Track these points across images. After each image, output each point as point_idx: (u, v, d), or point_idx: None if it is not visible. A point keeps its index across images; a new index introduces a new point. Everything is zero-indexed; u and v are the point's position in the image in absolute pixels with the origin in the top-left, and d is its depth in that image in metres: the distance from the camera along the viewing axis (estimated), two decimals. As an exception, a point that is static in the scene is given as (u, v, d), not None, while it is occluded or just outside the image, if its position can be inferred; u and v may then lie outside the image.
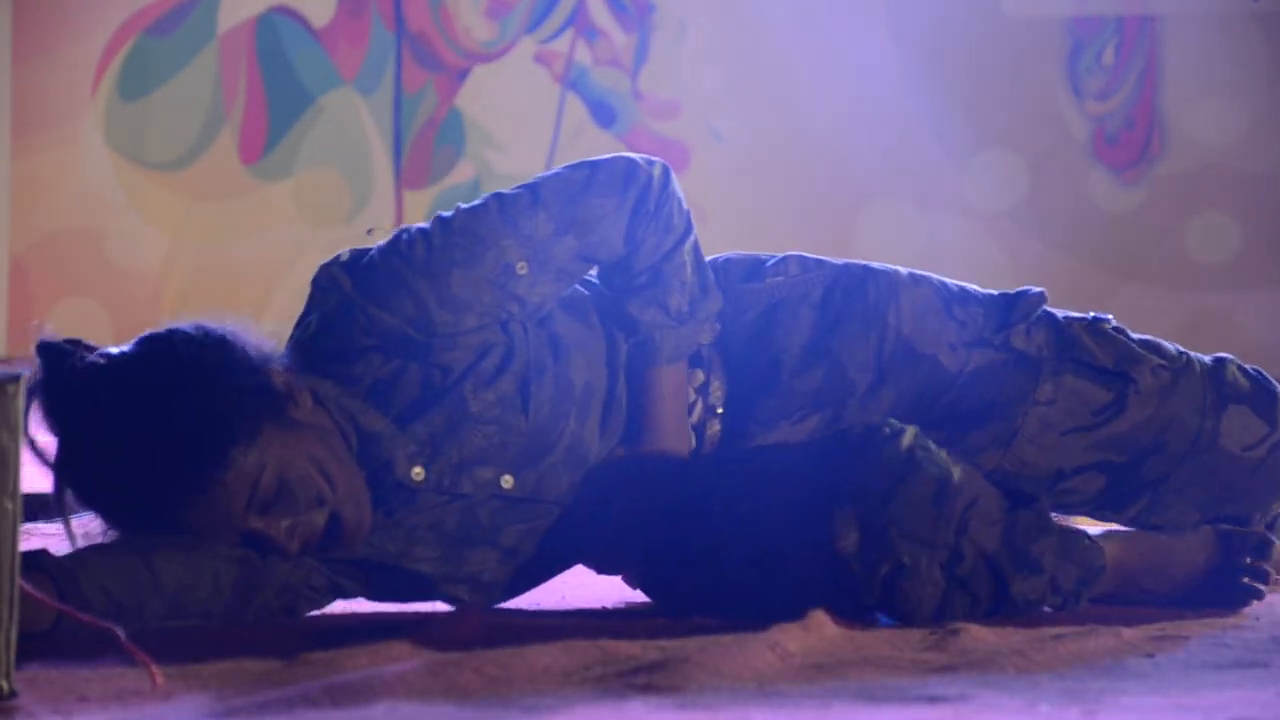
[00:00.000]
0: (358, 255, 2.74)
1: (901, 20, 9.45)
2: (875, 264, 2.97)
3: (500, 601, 2.87)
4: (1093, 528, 2.99)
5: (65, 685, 2.16)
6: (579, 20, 9.85)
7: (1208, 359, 3.00)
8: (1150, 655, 2.41)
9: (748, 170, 9.54)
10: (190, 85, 9.50)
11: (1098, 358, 2.87)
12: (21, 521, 2.09)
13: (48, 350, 2.63)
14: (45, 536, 2.53)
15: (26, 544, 2.21)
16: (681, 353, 2.76)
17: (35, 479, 2.34)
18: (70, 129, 9.28)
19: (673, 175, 2.83)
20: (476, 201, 2.76)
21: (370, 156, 9.55)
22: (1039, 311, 2.93)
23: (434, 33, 9.82)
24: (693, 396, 2.80)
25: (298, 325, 2.77)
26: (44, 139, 9.20)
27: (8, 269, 9.26)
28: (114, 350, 2.64)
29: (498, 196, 2.74)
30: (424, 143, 9.61)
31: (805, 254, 2.95)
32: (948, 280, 2.97)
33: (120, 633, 2.30)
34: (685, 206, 2.84)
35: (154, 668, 2.17)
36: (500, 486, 2.68)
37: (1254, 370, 3.03)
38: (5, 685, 2.03)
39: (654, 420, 2.75)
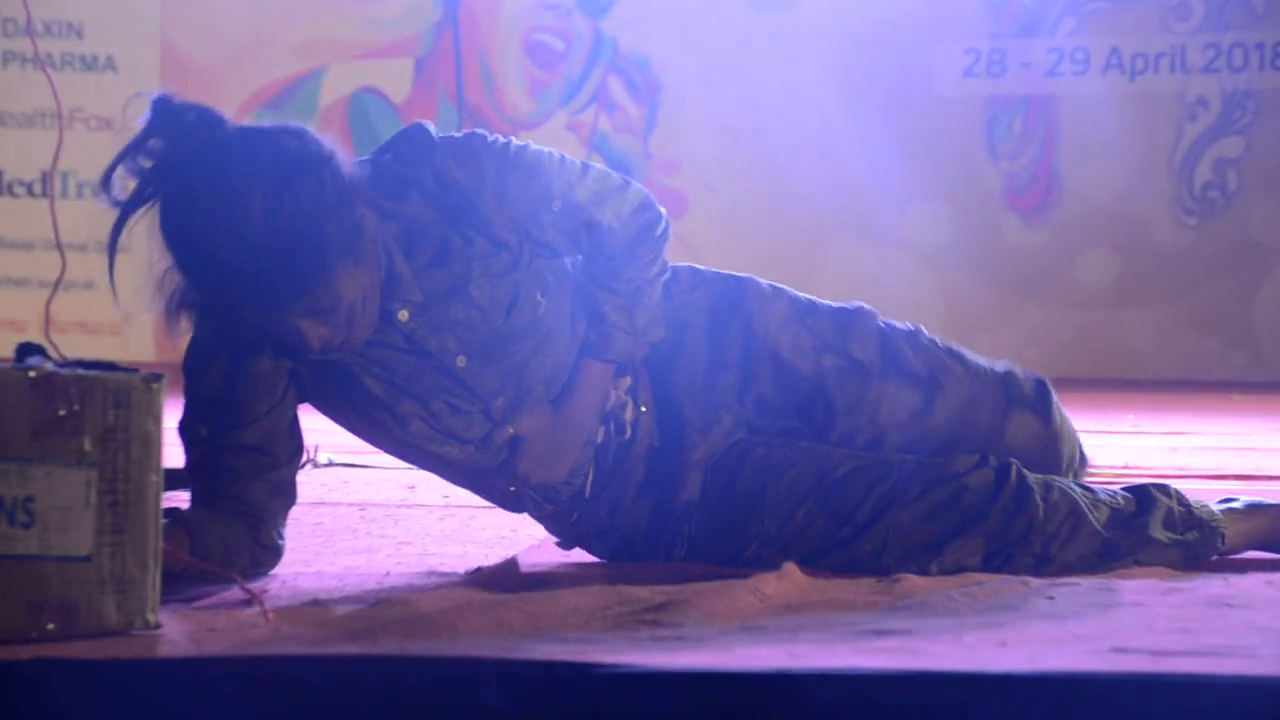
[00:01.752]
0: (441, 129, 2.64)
1: (857, 97, 9.44)
2: (743, 277, 2.87)
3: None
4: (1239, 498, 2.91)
5: (198, 620, 2.17)
6: (602, 97, 9.89)
7: (1000, 368, 2.91)
8: (1051, 598, 2.38)
9: (733, 215, 9.55)
10: (298, 148, 9.52)
11: (914, 366, 2.79)
12: (163, 491, 2.10)
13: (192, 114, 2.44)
14: (180, 502, 2.50)
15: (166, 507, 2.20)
16: (624, 356, 2.65)
17: (173, 458, 2.32)
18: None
19: (671, 227, 2.74)
20: (540, 147, 2.65)
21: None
22: (875, 325, 2.83)
23: (488, 106, 9.86)
24: (624, 398, 2.68)
25: (369, 158, 2.60)
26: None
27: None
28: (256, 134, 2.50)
29: (558, 153, 2.65)
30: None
31: (696, 266, 2.86)
32: (798, 294, 2.88)
33: (239, 579, 2.32)
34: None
35: (266, 606, 2.18)
36: (455, 362, 2.55)
37: (1035, 378, 2.93)
38: (151, 618, 2.04)
39: (576, 400, 2.63)
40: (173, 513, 2.41)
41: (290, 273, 2.39)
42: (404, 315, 2.53)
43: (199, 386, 2.50)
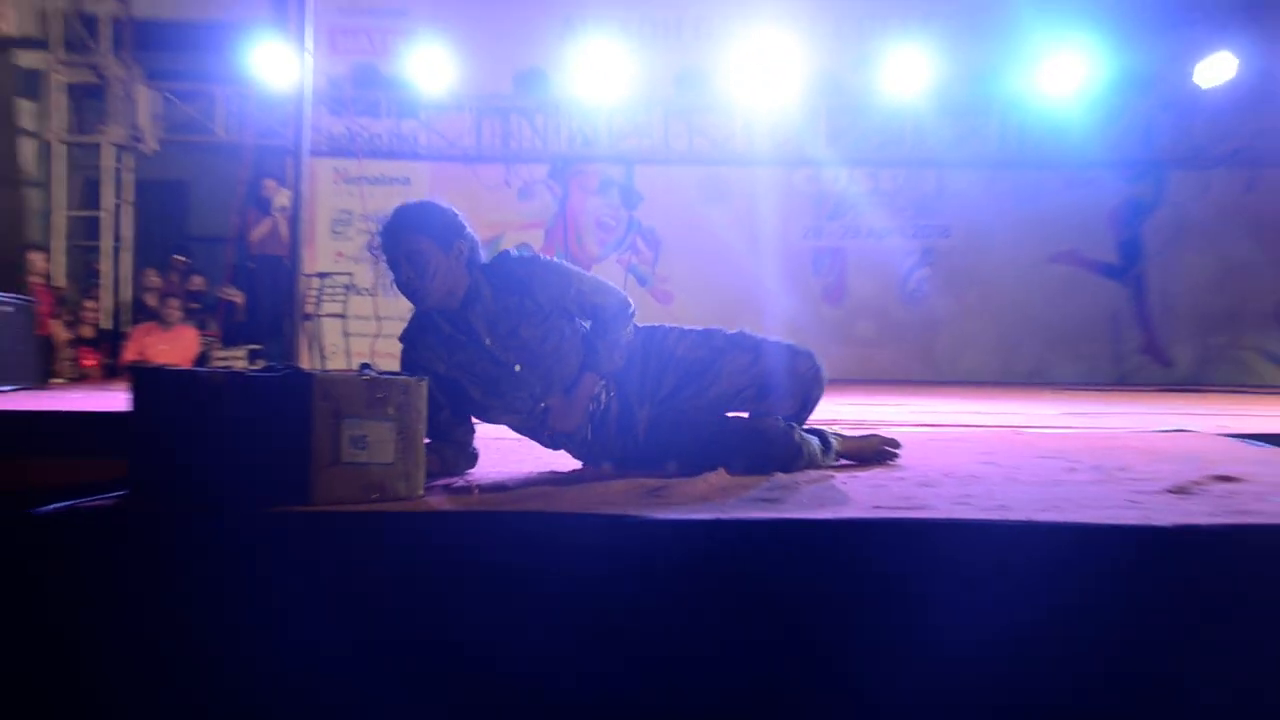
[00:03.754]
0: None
1: (757, 247, 9.43)
2: (655, 326, 2.60)
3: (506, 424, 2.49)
4: (847, 431, 2.81)
5: (443, 493, 2.15)
6: (633, 247, 9.88)
7: (785, 342, 2.63)
8: (845, 484, 2.34)
9: (697, 304, 9.48)
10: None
11: (745, 344, 2.58)
12: (425, 435, 2.08)
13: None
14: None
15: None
16: (606, 372, 2.45)
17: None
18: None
19: (635, 311, 2.52)
20: (576, 268, 2.49)
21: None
22: (722, 331, 2.59)
23: (580, 252, 9.84)
24: (601, 388, 2.46)
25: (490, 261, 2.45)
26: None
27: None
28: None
29: (582, 272, 2.48)
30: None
31: (650, 325, 2.59)
32: (682, 328, 2.61)
33: (461, 475, 2.35)
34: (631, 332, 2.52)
35: (474, 487, 2.18)
36: (515, 369, 2.38)
37: (735, 332, 2.63)
38: (420, 493, 2.02)
39: (579, 392, 2.43)
40: (428, 445, 2.38)
41: (412, 220, 2.35)
42: (488, 341, 2.39)
43: None
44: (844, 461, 2.70)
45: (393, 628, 1.76)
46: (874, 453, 2.74)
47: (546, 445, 2.55)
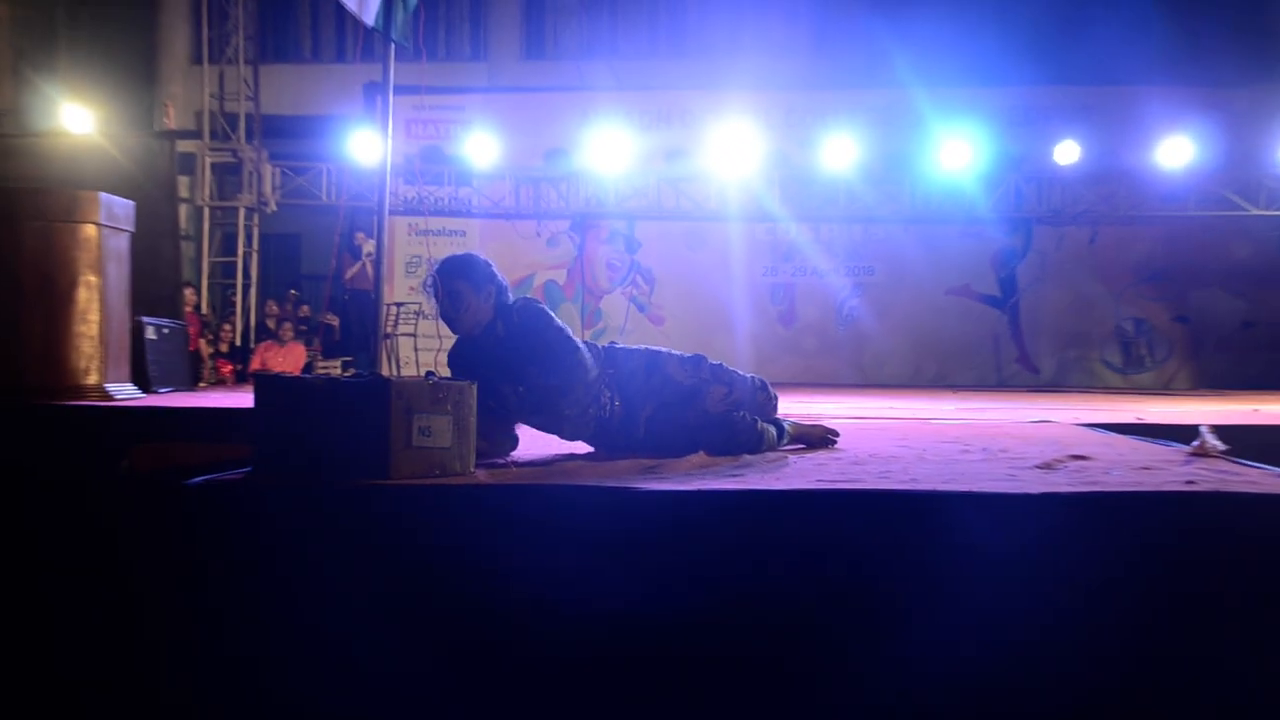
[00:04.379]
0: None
1: (732, 283, 9.31)
2: (657, 349, 2.46)
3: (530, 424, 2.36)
4: (793, 419, 2.73)
5: (492, 469, 2.11)
6: (634, 283, 9.78)
7: (751, 375, 2.49)
8: (795, 460, 2.32)
9: (684, 326, 9.47)
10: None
11: (722, 377, 2.47)
12: (476, 426, 2.05)
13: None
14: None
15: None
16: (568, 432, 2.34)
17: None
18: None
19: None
20: (565, 329, 2.34)
21: (577, 324, 9.53)
22: (708, 361, 2.48)
23: (594, 286, 9.80)
24: (607, 397, 2.34)
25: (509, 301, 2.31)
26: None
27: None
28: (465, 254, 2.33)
29: (574, 342, 2.32)
30: (589, 322, 9.55)
31: (651, 347, 2.46)
32: (677, 352, 2.49)
33: (503, 456, 2.30)
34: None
35: (513, 465, 2.15)
36: (517, 390, 2.26)
37: (763, 380, 2.52)
38: (472, 469, 2.00)
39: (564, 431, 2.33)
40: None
41: (455, 268, 2.29)
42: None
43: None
44: (796, 445, 2.68)
45: (451, 568, 1.76)
46: (819, 439, 2.72)
47: (560, 436, 2.47)
